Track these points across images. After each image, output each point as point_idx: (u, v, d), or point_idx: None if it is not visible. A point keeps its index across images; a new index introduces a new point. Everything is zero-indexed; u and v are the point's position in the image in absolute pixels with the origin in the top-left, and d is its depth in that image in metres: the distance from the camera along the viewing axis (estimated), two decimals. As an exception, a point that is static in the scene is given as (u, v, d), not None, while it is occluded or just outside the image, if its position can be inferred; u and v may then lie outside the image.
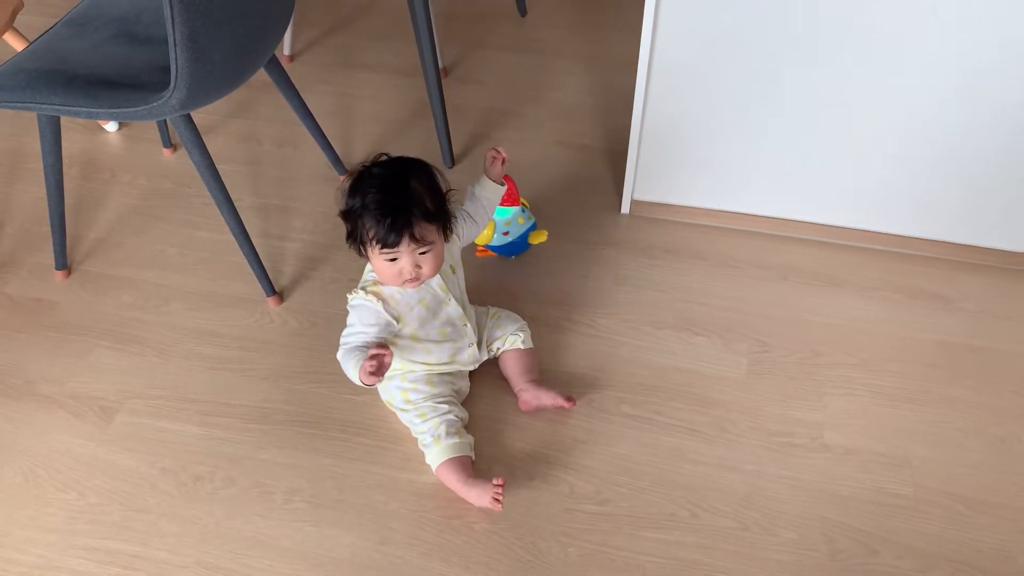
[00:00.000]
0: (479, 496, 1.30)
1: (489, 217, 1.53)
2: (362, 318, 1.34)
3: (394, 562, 1.29)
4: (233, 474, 1.39)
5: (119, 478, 1.38)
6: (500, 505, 1.29)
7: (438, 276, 1.37)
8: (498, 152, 1.49)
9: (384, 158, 1.33)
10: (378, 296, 1.34)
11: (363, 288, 1.35)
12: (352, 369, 1.28)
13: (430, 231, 1.29)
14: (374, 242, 1.27)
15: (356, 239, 1.31)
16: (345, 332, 1.35)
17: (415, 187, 1.29)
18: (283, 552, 1.29)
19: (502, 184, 1.51)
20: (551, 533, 1.31)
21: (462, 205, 1.49)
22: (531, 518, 1.33)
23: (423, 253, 1.29)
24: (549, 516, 1.33)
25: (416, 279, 1.31)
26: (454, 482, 1.33)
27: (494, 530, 1.32)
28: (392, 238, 1.26)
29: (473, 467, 1.36)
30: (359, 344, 1.31)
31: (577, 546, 1.30)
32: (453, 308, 1.40)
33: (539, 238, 1.67)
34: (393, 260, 1.29)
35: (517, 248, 1.69)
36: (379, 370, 1.22)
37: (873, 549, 1.30)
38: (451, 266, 1.42)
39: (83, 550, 1.30)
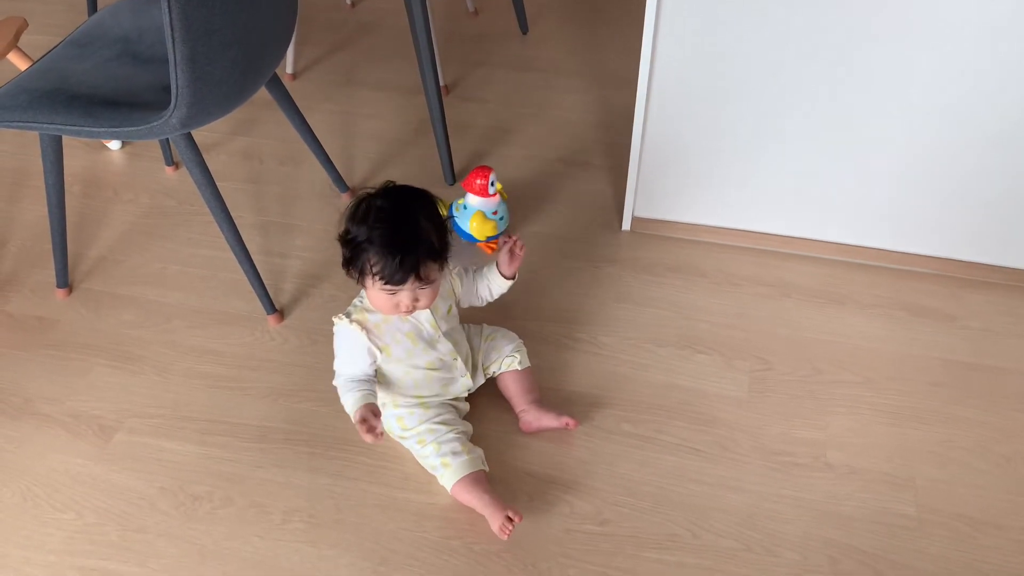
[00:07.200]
0: (491, 517, 1.29)
1: (489, 299, 1.48)
2: (347, 348, 1.33)
3: (393, 583, 1.28)
4: (231, 493, 1.38)
5: (117, 497, 1.38)
6: (506, 535, 1.28)
7: (427, 311, 1.35)
8: (515, 244, 1.40)
9: (391, 186, 1.30)
10: (362, 325, 1.32)
11: (347, 315, 1.33)
12: (349, 407, 1.30)
13: (433, 269, 1.28)
14: (377, 277, 1.25)
15: (356, 267, 1.27)
16: (336, 361, 1.35)
17: (424, 225, 1.26)
18: (281, 573, 1.28)
19: (511, 279, 1.44)
20: (551, 554, 1.30)
21: (478, 270, 1.46)
22: (531, 539, 1.32)
23: (423, 288, 1.28)
24: (549, 537, 1.32)
25: (412, 310, 1.30)
26: (470, 500, 1.31)
27: (494, 551, 1.30)
28: (398, 277, 1.23)
29: (487, 479, 1.34)
30: (356, 376, 1.32)
31: (578, 568, 1.29)
32: (443, 344, 1.38)
33: (481, 234, 1.67)
34: (393, 294, 1.27)
35: (467, 236, 1.76)
36: (371, 433, 1.23)
37: (877, 570, 1.28)
38: (449, 306, 1.40)
39: (81, 571, 1.29)
